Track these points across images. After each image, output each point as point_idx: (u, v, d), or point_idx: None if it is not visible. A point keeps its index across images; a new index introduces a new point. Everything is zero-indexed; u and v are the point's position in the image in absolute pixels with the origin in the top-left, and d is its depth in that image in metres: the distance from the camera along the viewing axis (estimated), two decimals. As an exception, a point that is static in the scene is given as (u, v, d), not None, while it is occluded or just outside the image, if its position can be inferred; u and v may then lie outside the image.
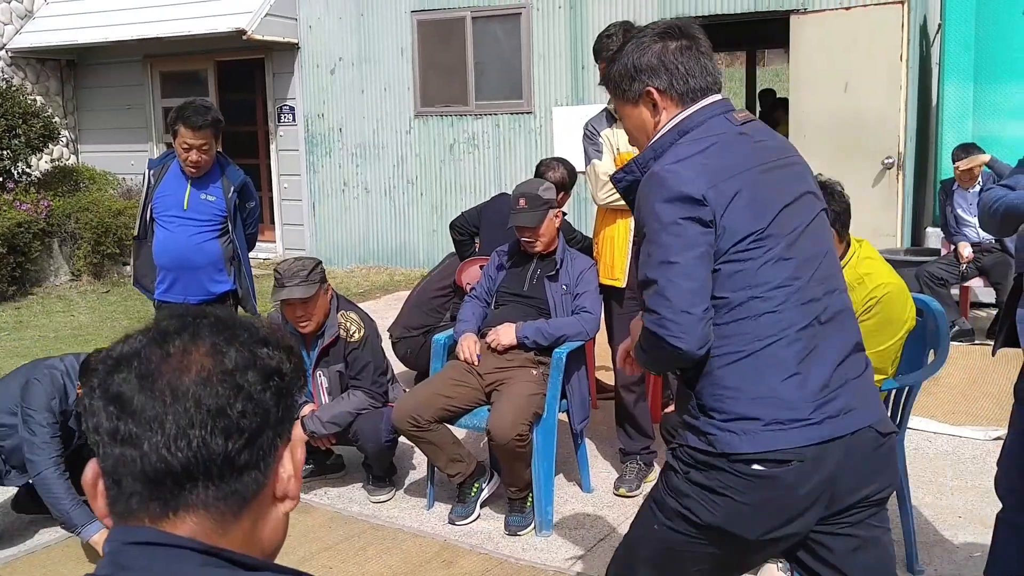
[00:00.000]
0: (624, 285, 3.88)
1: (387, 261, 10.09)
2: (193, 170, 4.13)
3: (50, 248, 9.46)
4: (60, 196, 9.74)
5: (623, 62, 2.08)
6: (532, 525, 3.70)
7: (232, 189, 4.23)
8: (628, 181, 2.07)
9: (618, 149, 3.85)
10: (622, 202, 3.76)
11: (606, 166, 3.85)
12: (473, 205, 5.87)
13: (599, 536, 3.66)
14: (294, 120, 10.39)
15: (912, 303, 3.12)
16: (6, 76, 10.62)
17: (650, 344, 1.93)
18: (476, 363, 3.86)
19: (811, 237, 1.97)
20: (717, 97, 2.04)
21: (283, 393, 1.03)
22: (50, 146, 10.33)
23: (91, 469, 1.02)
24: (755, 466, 1.83)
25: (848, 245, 3.14)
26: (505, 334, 3.86)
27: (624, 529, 3.69)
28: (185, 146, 4.06)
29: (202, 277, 4.22)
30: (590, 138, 3.93)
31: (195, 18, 9.90)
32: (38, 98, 10.68)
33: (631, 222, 3.82)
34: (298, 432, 1.09)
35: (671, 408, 3.60)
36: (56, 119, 10.34)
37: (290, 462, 1.05)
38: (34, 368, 3.69)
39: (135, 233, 4.41)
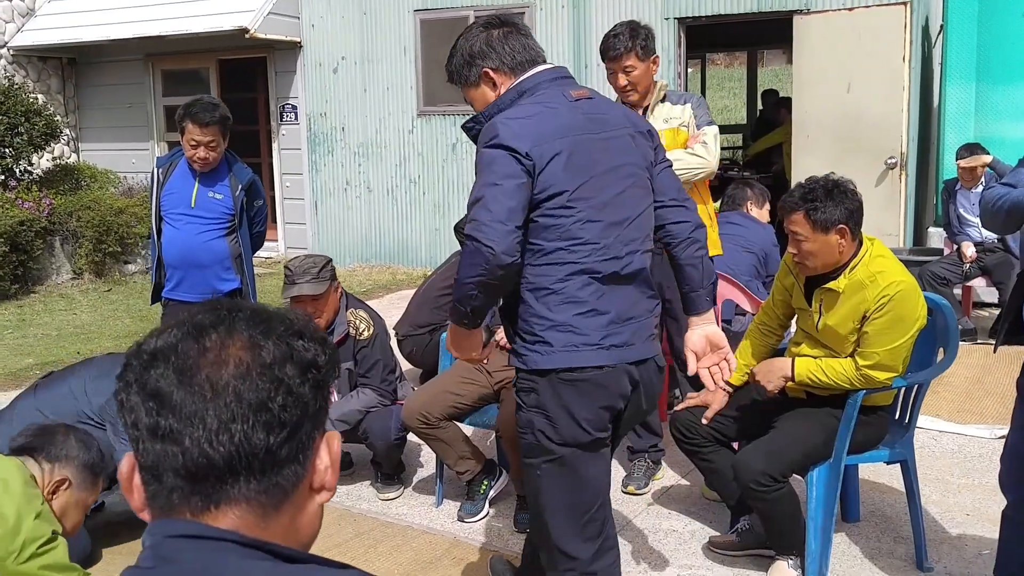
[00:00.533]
0: None
1: (389, 260, 10.09)
2: (200, 167, 4.13)
3: (52, 246, 9.45)
4: (62, 194, 9.74)
5: (459, 55, 2.44)
6: (542, 523, 3.71)
7: (240, 187, 4.23)
8: (476, 130, 2.39)
9: None
10: None
11: None
12: (478, 204, 5.85)
13: (609, 534, 3.67)
14: (296, 119, 10.39)
15: (924, 301, 3.14)
16: (8, 75, 10.61)
17: (468, 250, 2.23)
18: (485, 361, 3.86)
19: (624, 203, 2.34)
20: (547, 65, 2.42)
21: (320, 385, 1.04)
22: (52, 144, 10.32)
23: (127, 463, 1.02)
24: (560, 375, 2.28)
25: (860, 243, 3.15)
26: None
27: (634, 525, 3.71)
28: (193, 143, 4.06)
29: (209, 275, 4.22)
30: None
31: (197, 16, 9.90)
32: (40, 96, 10.67)
33: None
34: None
35: (681, 406, 3.60)
36: (58, 117, 10.33)
37: (327, 453, 1.05)
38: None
39: (152, 232, 4.37)
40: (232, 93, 10.74)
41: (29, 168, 10.00)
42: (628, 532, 3.66)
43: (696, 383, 3.88)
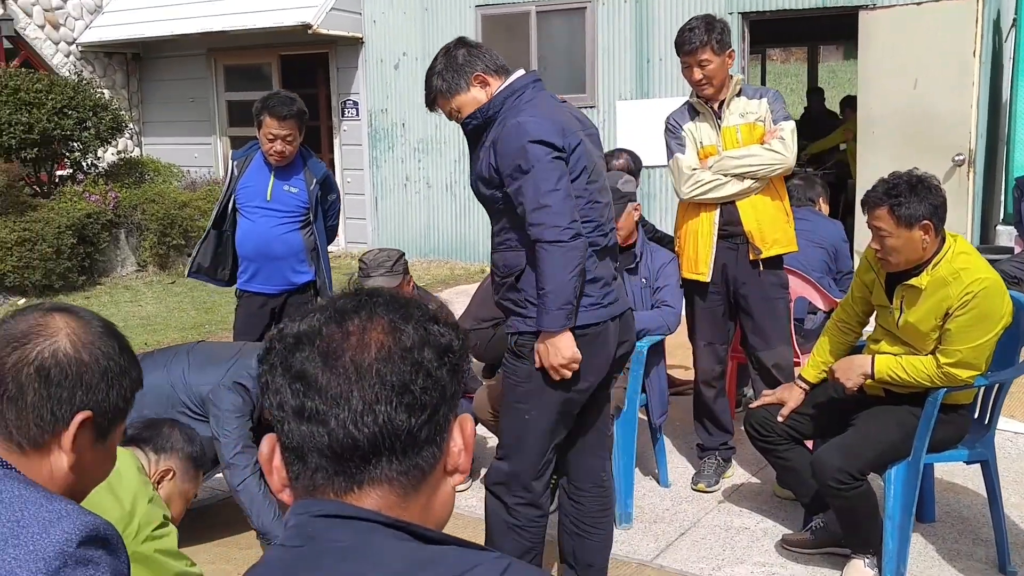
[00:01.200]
0: (708, 280, 3.87)
1: (448, 255, 10.15)
2: (277, 161, 4.19)
3: (117, 239, 9.66)
4: (126, 188, 9.94)
5: (442, 73, 2.74)
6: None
7: (314, 181, 4.28)
8: (474, 125, 2.71)
9: (701, 143, 3.84)
10: (707, 195, 3.79)
11: (690, 160, 3.84)
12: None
13: (680, 530, 3.66)
14: (358, 115, 10.49)
15: (1009, 298, 3.08)
16: (77, 70, 10.86)
17: (560, 252, 2.52)
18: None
19: (604, 189, 2.76)
20: (522, 71, 2.76)
21: (455, 369, 1.06)
22: (117, 138, 10.54)
23: (267, 444, 1.05)
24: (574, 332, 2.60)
25: (943, 240, 3.11)
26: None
27: (704, 523, 3.69)
28: (270, 136, 4.12)
29: (283, 267, 4.28)
30: (672, 132, 3.92)
31: (260, 12, 10.04)
32: (106, 91, 10.90)
33: (715, 216, 3.81)
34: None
35: (756, 404, 3.58)
36: (123, 112, 10.55)
37: (460, 436, 1.07)
38: (234, 369, 3.48)
39: (212, 219, 4.42)
40: (293, 89, 10.82)
41: (96, 162, 10.23)
42: (699, 529, 3.65)
43: (769, 381, 3.87)
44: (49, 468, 1.28)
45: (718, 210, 3.81)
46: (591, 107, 9.00)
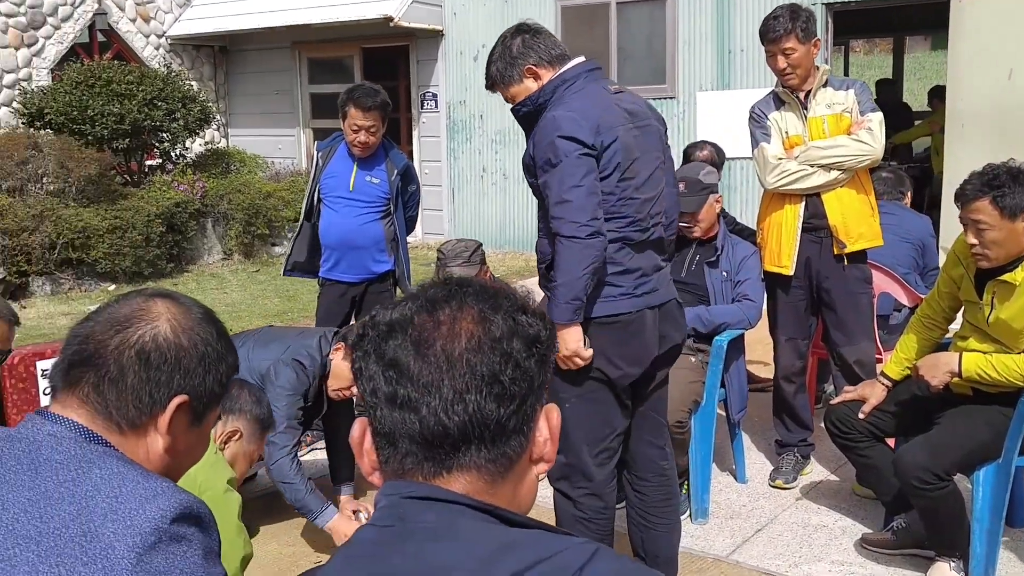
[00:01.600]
0: (791, 273, 3.81)
1: (523, 247, 10.17)
2: (360, 151, 4.25)
3: (204, 228, 9.92)
4: (213, 178, 10.20)
5: (498, 62, 2.74)
6: (688, 512, 3.69)
7: (396, 172, 4.34)
8: (524, 112, 2.73)
9: (786, 133, 3.77)
10: (792, 186, 3.72)
11: (775, 149, 3.78)
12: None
13: (756, 526, 3.62)
14: (436, 107, 10.58)
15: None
16: (166, 62, 11.18)
17: (577, 247, 2.52)
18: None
19: (652, 184, 2.70)
20: (581, 59, 2.73)
21: (543, 360, 1.07)
22: (204, 129, 10.82)
23: (359, 428, 1.08)
24: (597, 321, 2.64)
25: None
26: None
27: (781, 519, 3.64)
28: (354, 127, 4.18)
29: (365, 257, 4.35)
30: (757, 121, 3.86)
31: (343, 5, 10.19)
32: (194, 83, 11.21)
33: (800, 208, 3.75)
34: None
35: (837, 400, 3.51)
36: (210, 103, 10.83)
37: (546, 426, 1.08)
38: (295, 347, 3.58)
39: (302, 211, 4.52)
40: (374, 81, 10.96)
41: (184, 152, 10.53)
42: (775, 526, 3.61)
43: (851, 377, 3.80)
44: (145, 449, 1.32)
45: (803, 203, 3.75)
46: (671, 98, 8.92)
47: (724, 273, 3.90)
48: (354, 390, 3.66)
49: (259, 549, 3.10)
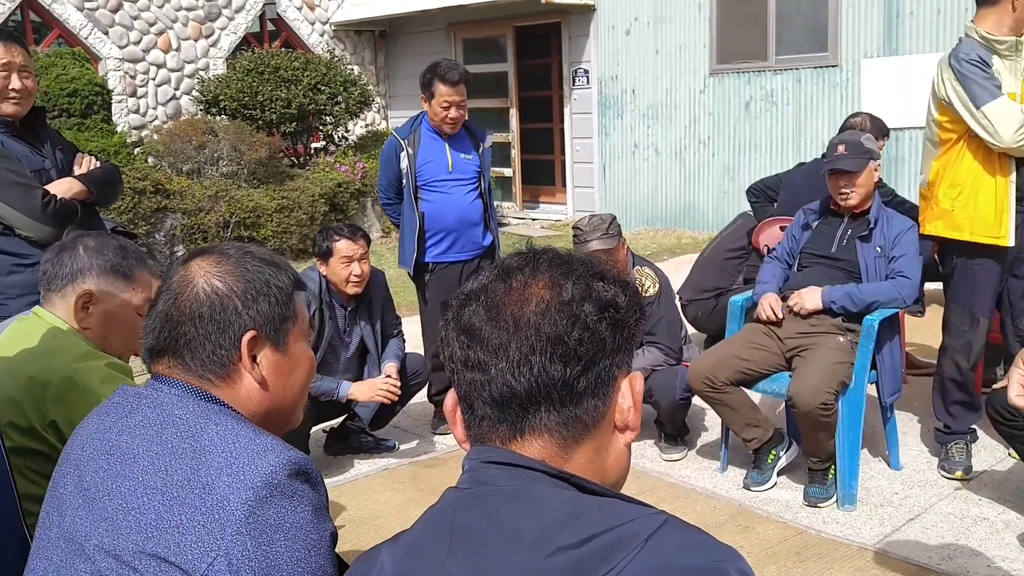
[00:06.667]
0: (1009, 244, 3.50)
1: (674, 223, 10.00)
2: (451, 128, 4.24)
3: (364, 207, 10.26)
4: (373, 159, 10.53)
5: None
6: (834, 498, 3.53)
7: (482, 146, 4.37)
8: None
9: (999, 87, 3.42)
10: None
11: (1009, 102, 3.38)
12: (768, 166, 5.66)
13: (908, 516, 3.42)
14: (588, 83, 10.51)
15: None
16: (329, 48, 11.60)
17: None
18: (781, 317, 3.71)
19: None
20: None
21: (618, 324, 1.07)
22: (365, 112, 11.18)
23: (451, 397, 1.12)
24: None
25: None
26: (809, 298, 3.67)
27: (937, 509, 3.43)
28: (445, 104, 4.17)
29: (476, 233, 4.38)
30: (981, 70, 3.41)
31: (497, -15, 10.26)
32: (355, 68, 11.58)
33: (1012, 177, 3.45)
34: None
35: (1001, 384, 3.26)
36: (370, 87, 11.16)
37: (629, 393, 1.08)
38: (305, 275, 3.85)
39: (409, 201, 4.32)
40: (527, 59, 11.05)
41: (345, 135, 10.91)
42: (929, 516, 3.40)
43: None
44: (246, 391, 1.39)
45: (1013, 171, 3.46)
46: (833, 66, 8.49)
47: (878, 248, 3.69)
48: (353, 268, 3.90)
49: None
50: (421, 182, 4.29)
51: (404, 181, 4.29)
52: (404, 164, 4.29)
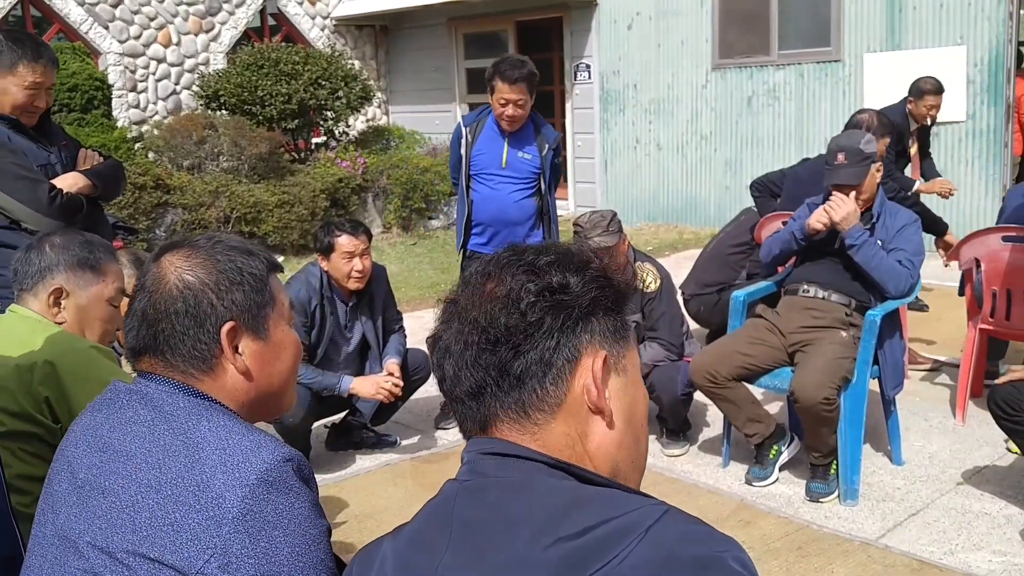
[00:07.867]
0: None
1: (676, 219, 9.98)
2: (508, 125, 4.22)
3: (365, 202, 10.25)
4: (374, 154, 10.52)
5: None
6: (836, 493, 3.52)
7: (547, 147, 4.31)
8: None
9: None
10: None
11: None
12: (771, 161, 5.65)
13: (910, 511, 3.41)
14: (590, 78, 10.49)
15: None
16: (330, 43, 11.58)
17: None
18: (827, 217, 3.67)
19: None
20: None
21: (560, 306, 1.05)
22: (365, 107, 11.16)
23: None
24: None
25: None
26: (844, 215, 3.61)
27: (939, 504, 3.43)
28: (502, 101, 4.15)
29: (519, 232, 4.34)
30: None
31: (498, -21, 10.24)
32: (356, 62, 11.56)
33: None
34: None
35: (1003, 379, 3.26)
36: (371, 82, 11.15)
37: (589, 374, 1.06)
38: (298, 273, 4.04)
39: (460, 190, 4.46)
40: (528, 54, 10.98)
41: (346, 130, 10.89)
42: (932, 511, 3.40)
43: None
44: (232, 382, 1.38)
45: None
46: (836, 61, 8.47)
47: (879, 242, 3.68)
48: (355, 263, 3.92)
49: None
50: (473, 172, 4.34)
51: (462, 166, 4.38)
52: (463, 150, 4.35)
